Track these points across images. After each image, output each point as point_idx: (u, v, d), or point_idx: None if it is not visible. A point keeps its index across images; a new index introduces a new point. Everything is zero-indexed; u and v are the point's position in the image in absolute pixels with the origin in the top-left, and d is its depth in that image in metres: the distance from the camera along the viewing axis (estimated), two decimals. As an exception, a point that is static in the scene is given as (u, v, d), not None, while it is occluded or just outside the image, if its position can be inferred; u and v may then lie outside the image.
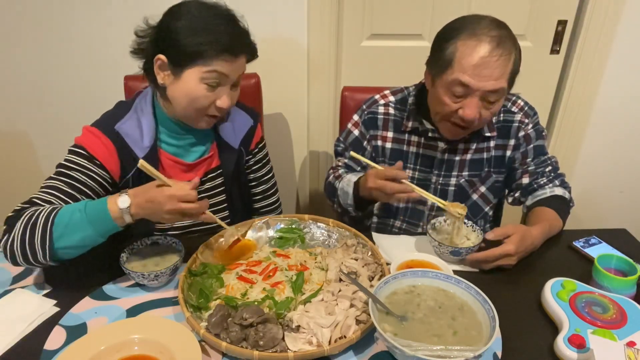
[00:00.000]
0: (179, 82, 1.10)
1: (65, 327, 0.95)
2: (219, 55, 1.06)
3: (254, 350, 0.86)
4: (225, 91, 1.12)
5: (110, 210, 0.97)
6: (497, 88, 1.14)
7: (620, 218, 2.25)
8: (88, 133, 1.15)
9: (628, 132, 2.08)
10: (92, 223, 0.97)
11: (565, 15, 1.89)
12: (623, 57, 1.91)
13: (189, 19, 1.07)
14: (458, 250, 1.13)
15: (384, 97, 1.41)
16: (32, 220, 0.98)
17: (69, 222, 0.97)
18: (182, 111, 1.14)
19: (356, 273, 1.06)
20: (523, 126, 1.34)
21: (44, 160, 2.02)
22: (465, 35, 1.14)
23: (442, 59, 1.17)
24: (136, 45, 1.15)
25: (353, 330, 0.91)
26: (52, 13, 1.73)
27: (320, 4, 1.77)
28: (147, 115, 1.18)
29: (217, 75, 1.08)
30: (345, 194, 1.33)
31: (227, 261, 1.12)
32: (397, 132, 1.39)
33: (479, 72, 1.12)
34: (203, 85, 1.08)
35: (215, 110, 1.14)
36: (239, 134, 1.30)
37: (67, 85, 1.86)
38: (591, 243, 1.25)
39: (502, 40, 1.12)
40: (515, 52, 1.16)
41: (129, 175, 1.17)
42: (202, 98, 1.10)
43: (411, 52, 1.91)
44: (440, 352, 0.82)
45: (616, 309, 0.96)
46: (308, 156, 2.09)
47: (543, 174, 1.35)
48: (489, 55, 1.11)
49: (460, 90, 1.16)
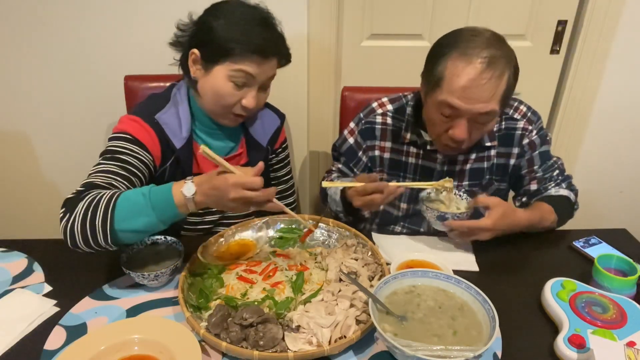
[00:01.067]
0: (208, 77, 1.13)
1: (65, 327, 0.95)
2: (248, 55, 1.08)
3: (254, 350, 0.86)
4: (252, 91, 1.14)
5: (175, 198, 0.96)
6: (486, 111, 1.10)
7: (620, 218, 2.25)
8: (130, 121, 1.16)
9: (628, 132, 2.08)
10: (155, 209, 0.96)
11: (565, 15, 1.89)
12: (623, 57, 1.91)
13: (225, 17, 1.10)
14: (443, 215, 1.15)
15: (382, 106, 1.38)
16: (94, 202, 0.97)
17: (132, 206, 0.97)
18: (209, 106, 1.18)
19: (356, 273, 1.06)
20: (527, 133, 1.31)
21: (43, 160, 2.02)
22: (456, 54, 1.10)
23: (432, 77, 1.14)
24: (175, 38, 1.19)
25: (353, 330, 0.91)
26: (52, 13, 1.73)
27: (320, 4, 1.77)
28: (184, 107, 1.20)
29: (244, 74, 1.10)
30: (334, 201, 1.33)
31: (227, 261, 1.12)
32: (395, 143, 1.36)
33: (467, 95, 1.09)
34: (230, 83, 1.11)
35: (240, 109, 1.16)
36: (267, 133, 1.33)
37: (67, 85, 1.86)
38: (591, 243, 1.25)
39: (492, 61, 1.07)
40: (509, 72, 1.10)
41: (167, 164, 1.19)
42: (228, 96, 1.12)
43: (411, 52, 1.91)
44: (440, 352, 0.82)
45: (616, 309, 0.96)
46: (308, 156, 2.09)
47: (551, 179, 1.34)
48: (478, 78, 1.07)
49: (448, 111, 1.13)
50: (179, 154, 1.19)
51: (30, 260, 1.15)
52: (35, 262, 1.14)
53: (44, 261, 1.14)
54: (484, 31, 1.12)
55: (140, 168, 1.12)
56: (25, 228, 2.13)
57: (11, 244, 1.21)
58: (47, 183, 2.03)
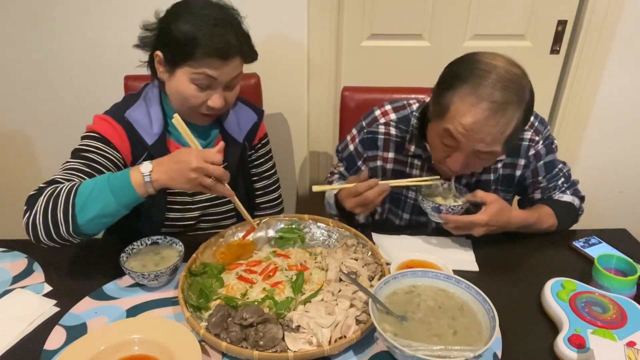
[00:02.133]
0: (172, 80, 1.12)
1: (65, 327, 0.95)
2: (208, 58, 1.06)
3: (254, 350, 0.86)
4: (217, 92, 1.12)
5: (132, 177, 0.98)
6: (487, 151, 1.08)
7: (620, 218, 2.25)
8: (99, 120, 1.18)
9: (628, 132, 2.08)
10: (113, 191, 0.98)
11: (565, 15, 1.89)
12: (623, 57, 1.91)
13: (184, 18, 1.07)
14: (438, 207, 1.16)
15: (385, 115, 1.32)
16: (54, 194, 0.99)
17: (91, 191, 0.98)
18: (176, 107, 1.17)
19: (356, 273, 1.06)
20: (533, 144, 1.27)
21: (43, 160, 2.02)
22: (466, 90, 1.04)
23: (439, 105, 1.10)
24: (139, 39, 1.17)
25: (353, 330, 0.91)
26: (51, 12, 1.73)
27: (320, 4, 1.77)
28: (155, 105, 1.20)
29: (205, 77, 1.09)
30: (329, 205, 1.34)
31: (227, 261, 1.12)
32: (398, 154, 1.32)
33: (471, 135, 1.05)
34: (193, 85, 1.10)
35: (208, 110, 1.15)
36: (243, 129, 1.31)
37: (67, 85, 1.86)
38: (591, 243, 1.25)
39: (502, 107, 1.02)
40: (519, 115, 1.05)
41: (139, 161, 1.18)
42: (193, 98, 1.11)
43: (411, 52, 1.91)
44: (440, 352, 0.82)
45: (616, 309, 0.96)
46: (308, 156, 2.09)
47: (555, 187, 1.33)
48: (484, 123, 1.03)
49: (449, 141, 1.10)
50: (152, 150, 1.17)
51: (30, 260, 1.15)
52: (35, 262, 1.14)
53: (44, 261, 1.14)
54: (499, 64, 1.05)
55: (106, 165, 1.12)
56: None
57: (11, 244, 1.21)
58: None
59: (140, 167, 0.99)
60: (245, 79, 1.67)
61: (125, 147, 1.17)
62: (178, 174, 0.98)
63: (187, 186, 1.00)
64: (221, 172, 1.00)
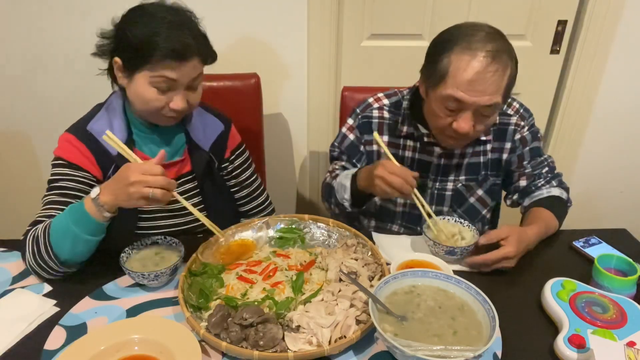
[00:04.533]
0: (132, 85, 1.11)
1: (65, 327, 0.95)
2: (164, 60, 1.05)
3: (254, 350, 0.86)
4: (178, 94, 1.11)
5: (85, 205, 1.00)
6: (491, 103, 1.12)
7: (620, 218, 2.25)
8: (62, 142, 1.18)
9: (628, 132, 2.08)
10: (75, 223, 1.00)
11: (565, 15, 1.89)
12: (623, 57, 1.91)
13: (139, 22, 1.08)
14: (453, 250, 1.13)
15: (378, 101, 1.39)
16: (35, 237, 1.04)
17: (59, 228, 1.02)
18: (139, 110, 1.16)
19: (356, 273, 1.06)
20: (519, 129, 1.33)
21: (43, 160, 2.02)
22: (460, 49, 1.10)
23: (435, 72, 1.14)
24: (98, 47, 1.16)
25: (353, 330, 0.91)
26: (51, 12, 1.73)
27: (320, 4, 1.77)
28: (117, 114, 1.18)
29: (164, 79, 1.08)
30: (342, 187, 1.30)
31: (227, 261, 1.12)
32: (392, 137, 1.36)
33: (473, 88, 1.09)
34: (153, 88, 1.09)
35: (171, 112, 1.13)
36: (209, 137, 1.30)
37: (67, 85, 1.86)
38: (591, 243, 1.25)
39: (497, 55, 1.09)
40: (512, 65, 1.12)
41: (109, 173, 1.17)
42: (154, 101, 1.10)
43: (411, 52, 1.90)
44: (440, 352, 0.82)
45: (616, 309, 0.96)
46: (308, 156, 2.09)
47: (540, 176, 1.35)
48: (484, 71, 1.08)
49: (453, 105, 1.14)
50: (117, 160, 1.15)
51: (30, 260, 1.15)
52: (35, 262, 1.14)
53: (44, 261, 1.14)
54: (483, 25, 1.14)
55: (79, 189, 1.13)
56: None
57: (11, 244, 1.21)
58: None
59: (91, 192, 1.00)
60: (245, 79, 1.67)
61: (93, 165, 1.16)
62: (121, 191, 0.97)
63: (131, 202, 0.97)
64: (163, 181, 0.97)
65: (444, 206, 1.39)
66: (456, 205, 1.40)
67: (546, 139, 2.12)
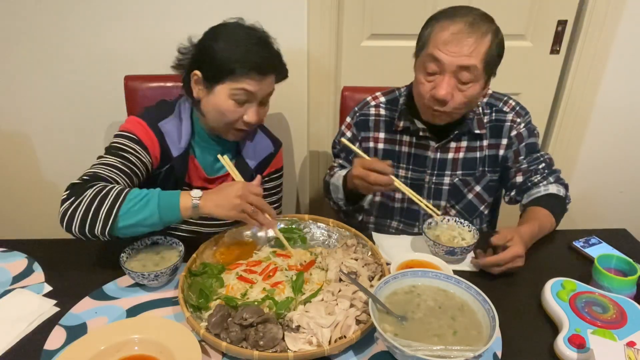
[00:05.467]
0: (210, 97, 1.19)
1: (65, 327, 0.95)
2: (247, 74, 1.14)
3: (254, 350, 0.86)
4: (253, 107, 1.19)
5: (181, 199, 1.04)
6: (468, 64, 1.14)
7: (620, 218, 2.25)
8: (136, 122, 1.22)
9: (628, 132, 2.08)
10: (160, 206, 1.03)
11: (565, 15, 1.89)
12: (623, 57, 1.91)
13: (224, 39, 1.16)
14: (453, 250, 1.13)
15: (375, 99, 1.42)
16: (103, 192, 1.03)
17: (140, 200, 1.03)
18: (213, 123, 1.23)
19: (356, 273, 1.06)
20: (515, 125, 1.35)
21: (43, 160, 2.02)
22: (443, 18, 1.18)
23: (420, 41, 1.22)
24: (177, 61, 1.25)
25: (353, 330, 0.91)
26: (52, 13, 1.73)
27: (320, 4, 1.77)
28: (186, 120, 1.27)
29: (244, 92, 1.16)
30: (336, 187, 1.36)
31: (227, 261, 1.12)
32: (388, 133, 1.39)
33: (450, 48, 1.14)
34: (232, 100, 1.17)
35: (243, 125, 1.22)
36: (258, 156, 1.37)
37: (67, 85, 1.86)
38: (591, 243, 1.25)
39: (475, 22, 1.14)
40: (492, 36, 1.16)
41: (163, 168, 1.25)
42: (231, 112, 1.18)
43: (411, 52, 1.88)
44: (440, 352, 0.82)
45: (616, 309, 0.96)
46: (308, 156, 2.09)
47: (537, 172, 1.35)
48: (459, 32, 1.13)
49: (432, 67, 1.17)
50: (175, 162, 1.25)
51: (30, 260, 1.15)
52: (35, 262, 1.14)
53: (44, 261, 1.14)
54: (476, 9, 1.19)
55: (140, 167, 1.18)
56: (25, 228, 2.13)
57: (11, 244, 1.20)
58: (47, 183, 2.03)
59: (191, 192, 1.06)
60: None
61: (156, 153, 1.23)
62: (225, 201, 1.05)
63: (231, 213, 1.06)
64: (262, 203, 1.09)
65: (441, 200, 1.41)
66: (454, 201, 1.41)
67: (546, 139, 2.12)
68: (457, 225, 1.22)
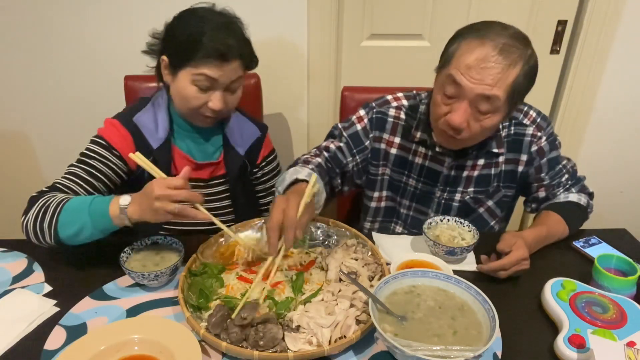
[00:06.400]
0: (175, 82, 1.18)
1: (65, 327, 0.95)
2: (207, 59, 1.11)
3: (254, 350, 0.86)
4: (217, 94, 1.16)
5: (111, 208, 1.01)
6: (488, 94, 1.05)
7: (620, 218, 2.25)
8: (108, 125, 1.23)
9: (628, 132, 2.08)
10: (91, 215, 1.01)
11: (565, 15, 1.89)
12: (623, 57, 1.91)
13: (188, 23, 1.14)
14: (453, 250, 1.13)
15: (397, 100, 1.32)
16: (46, 205, 1.05)
17: (73, 210, 1.03)
18: (179, 108, 1.22)
19: (356, 273, 1.06)
20: (536, 140, 1.26)
21: (43, 160, 2.02)
22: (472, 36, 1.07)
23: (444, 57, 1.13)
24: (148, 47, 1.24)
25: (353, 330, 0.91)
26: (52, 13, 1.73)
27: (320, 4, 1.77)
28: (162, 110, 1.25)
29: (205, 78, 1.13)
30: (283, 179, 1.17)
31: (227, 261, 1.12)
32: (404, 140, 1.31)
33: (472, 74, 1.04)
34: (194, 87, 1.15)
35: (209, 112, 1.19)
36: (246, 142, 1.35)
37: (67, 85, 1.86)
38: (591, 243, 1.25)
39: (506, 49, 1.03)
40: (521, 67, 1.06)
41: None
42: (193, 99, 1.16)
43: (411, 52, 1.90)
44: (440, 352, 0.82)
45: (616, 309, 0.96)
46: (308, 156, 2.09)
47: (559, 185, 1.31)
48: (486, 59, 1.03)
49: (451, 89, 1.08)
50: (156, 154, 1.22)
51: (30, 260, 1.15)
52: (35, 262, 1.14)
53: (44, 261, 1.14)
54: (513, 27, 1.09)
55: (107, 173, 1.18)
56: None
57: (11, 244, 1.21)
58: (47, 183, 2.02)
59: (120, 198, 1.00)
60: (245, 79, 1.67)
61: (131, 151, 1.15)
62: (146, 206, 0.97)
63: (159, 218, 0.97)
64: (188, 194, 0.96)
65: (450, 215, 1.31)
66: (463, 215, 1.32)
67: (546, 139, 2.12)
68: (457, 225, 1.22)
